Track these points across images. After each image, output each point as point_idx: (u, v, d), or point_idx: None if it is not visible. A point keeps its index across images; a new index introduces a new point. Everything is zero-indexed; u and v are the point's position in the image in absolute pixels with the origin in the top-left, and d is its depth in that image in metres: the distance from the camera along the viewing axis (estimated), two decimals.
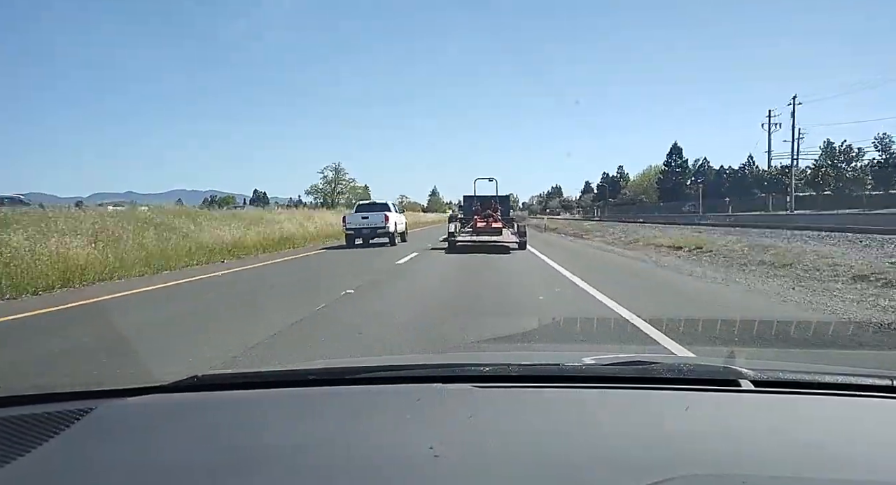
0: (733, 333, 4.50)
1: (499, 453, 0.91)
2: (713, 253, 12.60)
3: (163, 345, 4.87)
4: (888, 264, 8.60)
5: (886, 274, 7.61)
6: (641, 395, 1.16)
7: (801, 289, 7.34)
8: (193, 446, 0.99)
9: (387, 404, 1.13)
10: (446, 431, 1.00)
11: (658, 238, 17.76)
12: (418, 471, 0.85)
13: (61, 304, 7.27)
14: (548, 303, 6.64)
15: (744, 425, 1.03)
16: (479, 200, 18.67)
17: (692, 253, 13.22)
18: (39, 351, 4.71)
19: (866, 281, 7.47)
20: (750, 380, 1.17)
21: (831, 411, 1.09)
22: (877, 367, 1.69)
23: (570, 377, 1.24)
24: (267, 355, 4.26)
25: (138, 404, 1.15)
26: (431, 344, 4.55)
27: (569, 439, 0.97)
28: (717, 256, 12.12)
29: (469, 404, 1.11)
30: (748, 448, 0.93)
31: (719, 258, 11.71)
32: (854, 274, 7.99)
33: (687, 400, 1.11)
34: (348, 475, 0.86)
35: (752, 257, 11.05)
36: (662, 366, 1.26)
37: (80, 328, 5.73)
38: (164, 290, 8.74)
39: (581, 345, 4.42)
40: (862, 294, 6.63)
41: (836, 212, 32.82)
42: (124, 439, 1.03)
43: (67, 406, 1.09)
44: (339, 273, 11.05)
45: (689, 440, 0.95)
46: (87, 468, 0.92)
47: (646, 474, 0.79)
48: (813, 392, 1.15)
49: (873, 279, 7.48)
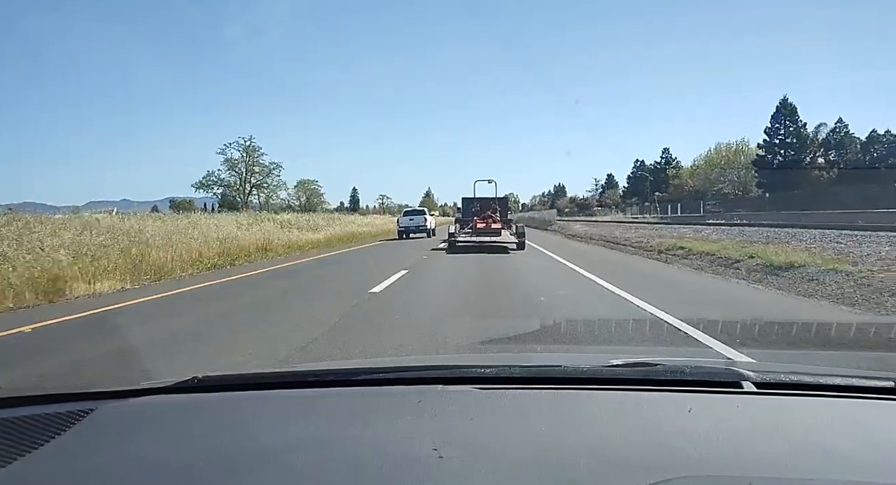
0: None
1: (500, 454, 0.91)
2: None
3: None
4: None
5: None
6: (644, 397, 1.16)
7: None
8: (193, 447, 0.99)
9: (388, 406, 1.13)
10: (447, 432, 1.00)
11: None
12: (419, 472, 0.85)
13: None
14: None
15: (746, 427, 1.03)
16: (478, 201, 19.17)
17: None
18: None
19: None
20: (752, 382, 1.17)
21: (834, 413, 1.09)
22: (879, 368, 1.68)
23: (572, 379, 1.24)
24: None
25: (138, 404, 1.15)
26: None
27: (571, 440, 0.96)
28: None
29: (470, 405, 1.11)
30: (751, 450, 0.92)
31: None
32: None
33: (689, 402, 1.11)
34: (348, 477, 0.86)
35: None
36: (665, 368, 1.26)
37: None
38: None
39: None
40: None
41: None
42: (124, 440, 1.03)
43: (68, 407, 1.09)
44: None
45: (691, 442, 0.95)
46: (87, 469, 0.92)
47: (648, 476, 0.79)
48: (815, 394, 1.15)
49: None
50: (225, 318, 6.40)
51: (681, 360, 1.54)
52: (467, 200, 19.93)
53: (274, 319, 6.11)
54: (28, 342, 5.38)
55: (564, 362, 1.36)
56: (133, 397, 1.17)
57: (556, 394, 1.18)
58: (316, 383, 1.28)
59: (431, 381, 1.21)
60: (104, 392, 1.19)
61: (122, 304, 7.53)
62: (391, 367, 1.40)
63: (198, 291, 8.84)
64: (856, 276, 7.09)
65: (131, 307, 7.29)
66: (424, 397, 1.14)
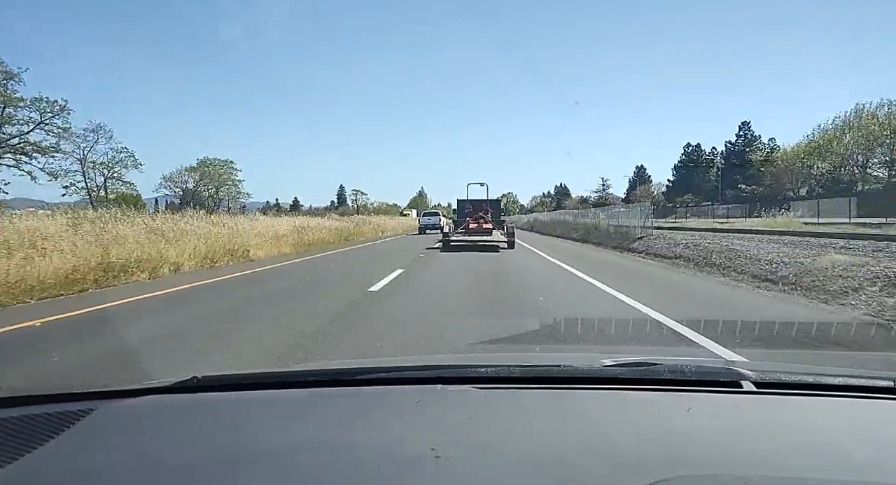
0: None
1: (499, 454, 0.91)
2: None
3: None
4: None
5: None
6: (643, 396, 1.16)
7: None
8: (193, 447, 0.99)
9: (387, 406, 1.13)
10: (446, 432, 1.00)
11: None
12: (419, 472, 0.85)
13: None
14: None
15: (746, 426, 1.03)
16: (471, 203, 20.81)
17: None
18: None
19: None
20: (752, 381, 1.17)
21: (833, 413, 1.09)
22: (879, 368, 1.68)
23: (572, 379, 1.24)
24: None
25: (138, 404, 1.15)
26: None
27: (570, 440, 0.96)
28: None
29: (469, 405, 1.11)
30: (750, 449, 0.92)
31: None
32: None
33: (689, 401, 1.11)
34: (348, 476, 0.86)
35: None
36: (664, 367, 1.26)
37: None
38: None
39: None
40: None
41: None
42: (124, 440, 1.03)
43: (68, 407, 1.09)
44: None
45: (691, 441, 0.95)
46: (87, 469, 0.92)
47: (647, 475, 0.79)
48: (815, 393, 1.15)
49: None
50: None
51: (680, 359, 1.54)
52: (461, 202, 21.47)
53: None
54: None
55: (564, 362, 1.36)
56: (133, 396, 1.17)
57: (556, 394, 1.18)
58: (316, 382, 1.28)
59: (431, 381, 1.22)
60: (104, 392, 1.20)
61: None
62: (391, 367, 1.40)
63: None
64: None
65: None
66: (424, 397, 1.14)
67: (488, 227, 18.23)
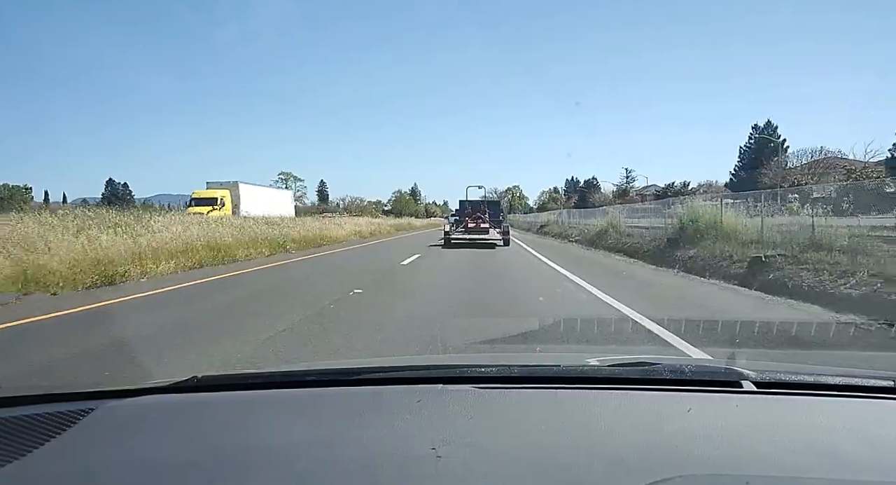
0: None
1: (500, 454, 0.91)
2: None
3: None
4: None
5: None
6: (643, 396, 1.16)
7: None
8: (193, 447, 0.99)
9: (387, 405, 1.13)
10: (447, 432, 1.00)
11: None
12: (419, 472, 0.85)
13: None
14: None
15: (746, 426, 1.03)
16: (470, 204, 22.68)
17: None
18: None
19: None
20: (752, 381, 1.17)
21: (833, 412, 1.08)
22: (878, 368, 1.68)
23: (572, 378, 1.23)
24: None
25: (138, 404, 1.15)
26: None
27: (570, 439, 0.96)
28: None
29: (470, 405, 1.11)
30: (750, 449, 0.92)
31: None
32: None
33: (689, 401, 1.11)
34: (348, 476, 0.86)
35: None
36: (664, 367, 1.25)
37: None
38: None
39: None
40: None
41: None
42: (124, 440, 1.03)
43: (68, 407, 1.09)
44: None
45: (690, 441, 0.95)
46: (87, 469, 0.92)
47: (647, 475, 0.79)
48: (814, 393, 1.15)
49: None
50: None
51: (681, 359, 1.54)
52: (462, 203, 23.23)
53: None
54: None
55: (564, 362, 1.36)
56: (133, 396, 1.17)
57: (556, 394, 1.17)
58: (316, 382, 1.28)
59: (431, 380, 1.21)
60: (104, 392, 1.19)
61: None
62: (391, 366, 1.40)
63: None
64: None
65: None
66: (424, 397, 1.14)
67: (485, 226, 20.16)
